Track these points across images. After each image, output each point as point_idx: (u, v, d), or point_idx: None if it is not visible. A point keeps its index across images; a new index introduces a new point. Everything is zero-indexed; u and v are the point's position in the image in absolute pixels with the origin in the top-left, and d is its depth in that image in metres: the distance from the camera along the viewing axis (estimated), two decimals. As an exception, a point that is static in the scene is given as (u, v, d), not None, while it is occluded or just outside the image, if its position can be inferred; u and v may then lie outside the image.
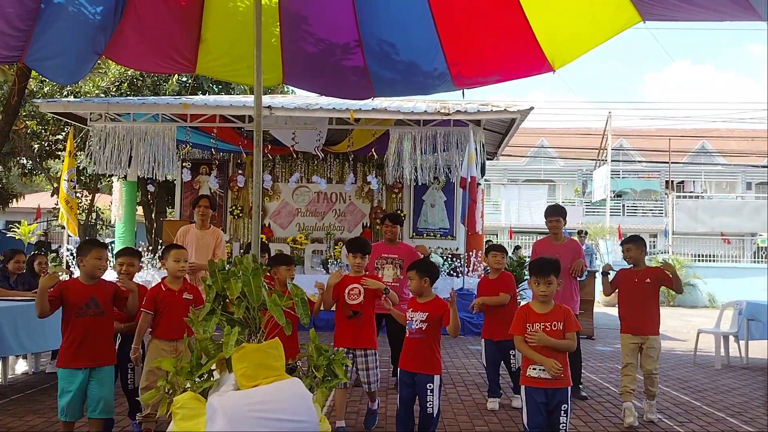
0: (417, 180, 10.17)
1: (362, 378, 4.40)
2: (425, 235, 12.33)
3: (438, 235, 12.33)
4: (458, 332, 3.94)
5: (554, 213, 5.77)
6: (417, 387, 3.92)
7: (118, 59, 5.22)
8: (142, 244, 11.37)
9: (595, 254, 14.24)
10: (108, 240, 13.69)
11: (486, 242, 11.68)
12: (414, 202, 12.46)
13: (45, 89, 13.86)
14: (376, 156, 11.24)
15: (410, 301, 4.10)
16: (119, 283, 3.96)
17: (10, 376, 5.98)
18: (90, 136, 10.27)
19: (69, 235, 10.59)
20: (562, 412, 3.41)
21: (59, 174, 13.25)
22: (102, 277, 3.83)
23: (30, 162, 16.29)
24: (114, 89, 13.90)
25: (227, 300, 2.72)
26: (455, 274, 10.27)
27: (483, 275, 5.98)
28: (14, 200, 17.31)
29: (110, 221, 16.68)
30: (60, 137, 14.36)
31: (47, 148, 14.94)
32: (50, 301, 3.59)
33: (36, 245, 10.40)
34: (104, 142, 10.09)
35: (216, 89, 15.65)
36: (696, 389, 6.29)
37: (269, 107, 9.57)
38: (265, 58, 4.02)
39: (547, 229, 5.85)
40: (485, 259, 5.52)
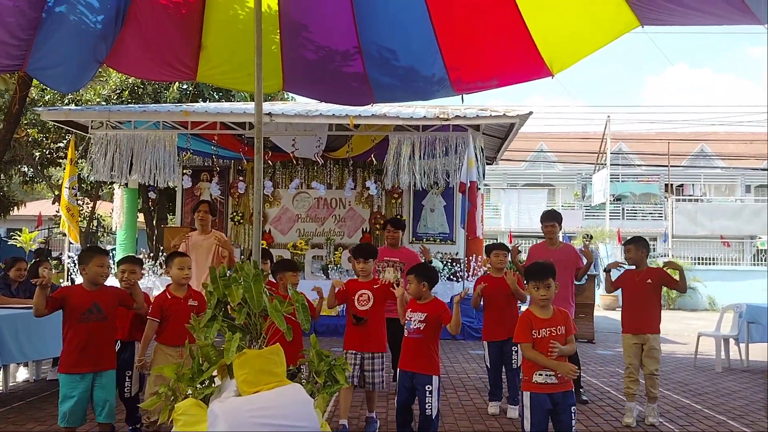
0: (416, 185, 10.19)
1: (367, 378, 4.46)
2: (425, 240, 12.32)
3: (438, 240, 12.33)
4: (459, 330, 3.97)
5: (549, 218, 5.83)
6: (416, 388, 3.94)
7: (119, 67, 5.25)
8: (144, 251, 11.38)
9: (598, 257, 14.20)
10: (109, 247, 13.71)
11: (486, 246, 11.68)
12: (413, 207, 12.47)
13: (46, 97, 13.90)
14: (376, 161, 11.26)
15: (410, 302, 4.15)
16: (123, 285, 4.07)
17: (11, 384, 5.98)
18: (91, 144, 10.28)
19: (70, 243, 10.60)
20: (573, 414, 3.43)
21: (60, 182, 13.28)
22: (104, 283, 3.88)
23: (31, 170, 16.32)
24: (115, 97, 13.93)
25: (228, 306, 2.74)
26: (455, 279, 10.27)
27: (484, 275, 5.94)
28: (15, 208, 17.31)
29: (111, 228, 16.68)
30: (61, 145, 14.39)
31: (48, 156, 14.97)
32: (49, 302, 3.64)
33: (36, 252, 10.40)
34: (105, 150, 10.11)
35: (216, 96, 15.69)
36: (697, 392, 6.29)
37: (269, 114, 9.60)
38: (266, 66, 4.04)
39: (543, 234, 5.89)
40: (488, 260, 5.47)
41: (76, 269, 10.63)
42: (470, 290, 5.06)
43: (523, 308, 4.17)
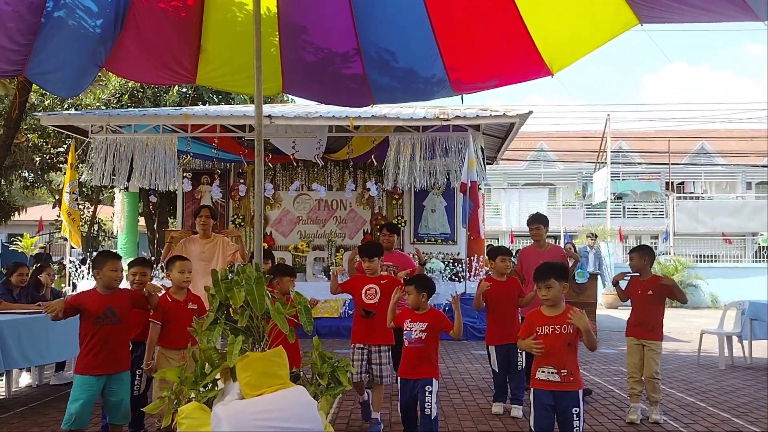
0: (417, 186, 10.19)
1: (375, 371, 4.64)
2: (426, 241, 12.33)
3: (439, 240, 12.32)
4: (461, 334, 4.09)
5: (535, 221, 6.00)
6: (416, 391, 4.02)
7: (119, 71, 5.25)
8: (144, 255, 11.37)
9: (602, 258, 14.16)
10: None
11: (487, 246, 11.66)
12: (414, 208, 12.46)
13: (46, 102, 13.90)
14: (376, 162, 11.26)
15: (408, 312, 4.18)
16: (144, 292, 4.15)
17: (14, 389, 5.97)
18: (91, 148, 10.29)
19: (72, 247, 10.60)
20: (574, 416, 3.39)
21: (61, 186, 13.27)
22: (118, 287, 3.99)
23: (32, 175, 16.32)
24: (115, 101, 13.94)
25: (231, 309, 2.74)
26: (457, 279, 10.26)
27: (486, 276, 5.96)
28: (16, 213, 17.33)
29: (112, 232, 16.69)
30: (61, 150, 14.39)
31: (49, 161, 14.97)
32: (65, 309, 3.74)
33: (35, 258, 10.41)
34: (105, 154, 10.11)
35: (216, 99, 15.69)
36: (701, 390, 6.28)
37: (269, 116, 9.60)
38: (265, 68, 4.04)
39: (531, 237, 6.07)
40: (493, 264, 5.48)
41: (78, 273, 10.65)
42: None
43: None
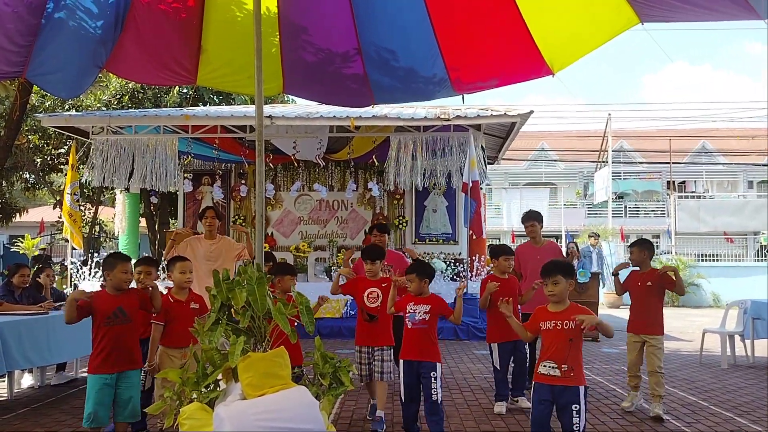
0: (418, 186, 10.18)
1: (377, 368, 4.81)
2: (427, 241, 12.33)
3: (440, 240, 12.32)
4: (460, 320, 4.40)
5: (529, 218, 6.15)
6: (421, 376, 4.20)
7: (119, 72, 5.25)
8: (144, 256, 11.35)
9: (604, 257, 14.12)
10: (110, 251, 13.70)
11: (488, 244, 11.66)
12: (416, 208, 12.46)
13: (46, 103, 13.90)
14: (377, 163, 11.26)
15: (410, 297, 4.39)
16: (140, 287, 4.22)
17: (16, 390, 5.97)
18: (92, 150, 10.30)
19: (73, 248, 10.61)
20: (574, 413, 3.37)
21: (62, 188, 13.28)
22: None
23: (33, 176, 16.32)
24: (115, 102, 13.94)
25: (232, 309, 2.73)
26: (459, 279, 10.26)
27: (488, 275, 6.00)
28: (18, 215, 17.32)
29: (114, 233, 16.69)
30: (62, 151, 14.40)
31: (50, 162, 14.98)
32: (78, 310, 3.79)
33: (34, 259, 10.43)
34: (106, 155, 10.12)
35: (217, 100, 15.69)
36: (703, 389, 6.27)
37: (270, 117, 9.59)
38: (266, 68, 4.04)
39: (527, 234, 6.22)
40: (496, 263, 5.50)
41: (79, 274, 10.65)
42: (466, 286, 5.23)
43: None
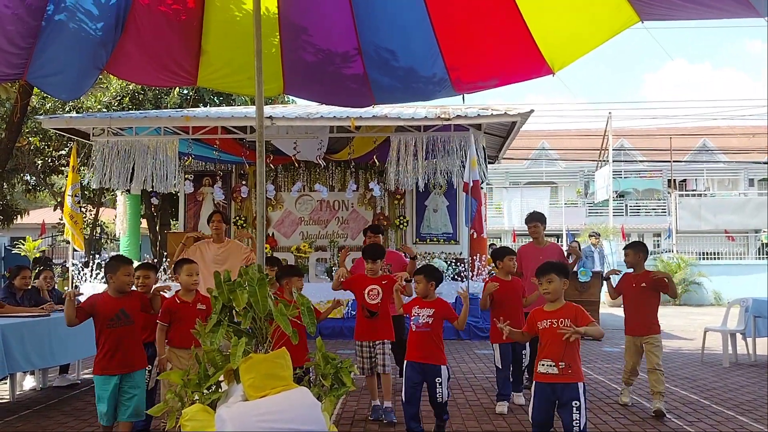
0: (419, 185, 10.18)
1: (378, 362, 4.95)
2: (428, 240, 12.34)
3: (441, 240, 12.32)
4: (464, 326, 4.49)
5: (532, 219, 6.26)
6: (426, 378, 4.29)
7: (120, 74, 5.26)
8: (147, 257, 11.39)
9: (605, 256, 14.12)
10: (113, 254, 13.73)
11: (490, 245, 11.67)
12: (416, 208, 12.46)
13: (47, 105, 13.92)
14: (378, 163, 11.26)
15: (416, 300, 4.48)
16: (149, 294, 4.29)
17: (18, 393, 5.98)
18: (93, 151, 10.31)
19: (75, 250, 10.61)
20: (574, 409, 3.47)
21: (63, 189, 13.29)
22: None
23: (34, 178, 16.35)
24: (116, 104, 13.95)
25: (234, 311, 2.74)
26: (460, 279, 10.26)
27: (491, 276, 6.04)
28: (19, 217, 17.34)
29: (115, 235, 16.71)
30: (63, 153, 14.41)
31: (50, 164, 15.00)
32: (78, 312, 3.84)
33: (34, 261, 10.44)
34: (107, 157, 10.14)
35: (217, 101, 15.69)
36: (705, 388, 6.26)
37: (270, 117, 9.60)
38: (266, 69, 4.04)
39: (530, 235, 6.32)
40: (501, 264, 5.52)
41: (81, 276, 10.66)
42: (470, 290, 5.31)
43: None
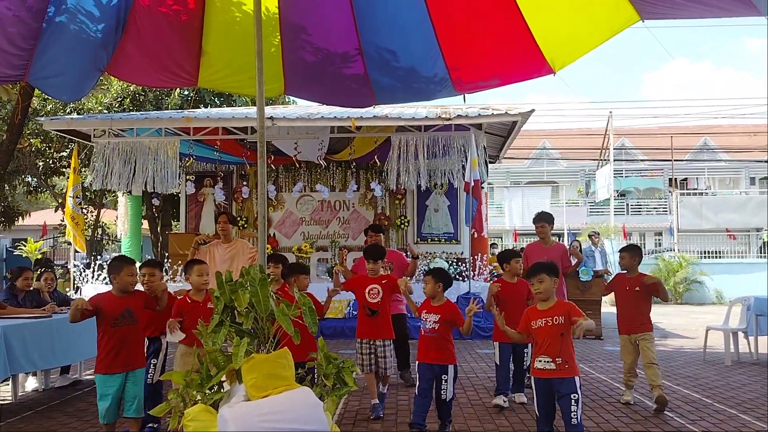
0: (420, 185, 10.18)
1: (380, 364, 5.05)
2: (429, 240, 12.33)
3: (442, 240, 12.32)
4: (470, 332, 4.55)
5: (540, 220, 6.41)
6: (436, 374, 4.40)
7: (121, 75, 5.26)
8: (148, 258, 11.37)
9: (607, 255, 14.09)
10: (114, 255, 13.75)
11: (491, 245, 11.66)
12: (417, 208, 12.46)
13: (48, 107, 13.94)
14: (379, 163, 11.27)
15: (424, 303, 4.58)
16: (147, 291, 4.32)
17: (20, 394, 5.98)
18: (94, 152, 10.32)
19: (76, 251, 10.62)
20: (573, 402, 3.62)
21: (64, 191, 13.31)
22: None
23: (35, 180, 16.36)
24: (117, 105, 13.97)
25: (236, 311, 2.74)
26: (461, 279, 10.26)
27: (496, 278, 6.09)
28: (20, 218, 17.36)
29: (116, 236, 16.72)
30: (64, 154, 14.43)
31: (52, 166, 15.02)
32: (83, 313, 3.89)
33: (36, 263, 10.44)
34: (108, 158, 10.16)
35: (218, 102, 15.71)
36: (707, 386, 6.26)
37: (271, 118, 9.60)
38: (267, 69, 4.05)
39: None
40: (508, 267, 5.53)
41: (82, 277, 10.67)
42: (481, 304, 5.44)
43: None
